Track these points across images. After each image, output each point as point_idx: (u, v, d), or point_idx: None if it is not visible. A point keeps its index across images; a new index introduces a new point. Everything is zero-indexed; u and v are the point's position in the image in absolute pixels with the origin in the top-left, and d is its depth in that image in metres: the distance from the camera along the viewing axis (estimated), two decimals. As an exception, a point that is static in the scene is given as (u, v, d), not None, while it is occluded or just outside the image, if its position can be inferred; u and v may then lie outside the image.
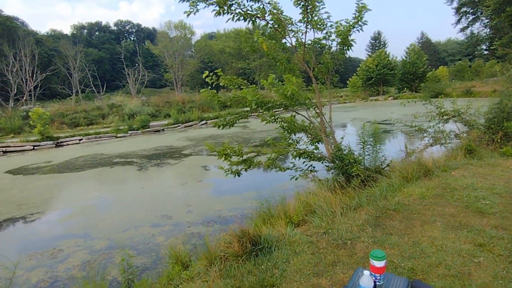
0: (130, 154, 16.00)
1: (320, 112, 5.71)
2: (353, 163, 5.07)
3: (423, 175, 5.32)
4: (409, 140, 8.10)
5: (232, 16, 4.90)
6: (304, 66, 5.51)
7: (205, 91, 5.73)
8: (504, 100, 7.13)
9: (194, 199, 8.37)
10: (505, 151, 6.61)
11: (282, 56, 5.61)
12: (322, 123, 5.73)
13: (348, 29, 5.96)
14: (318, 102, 5.71)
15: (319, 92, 5.75)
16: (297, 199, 4.82)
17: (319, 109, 5.72)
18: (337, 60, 6.08)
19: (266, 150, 6.32)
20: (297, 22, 5.55)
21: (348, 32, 5.98)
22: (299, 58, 5.42)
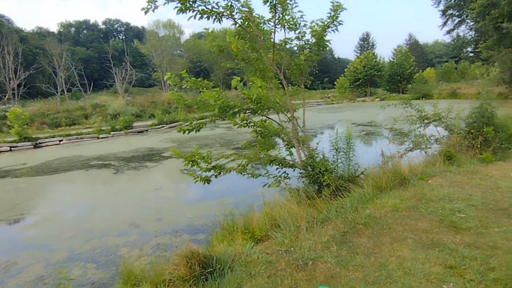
0: (109, 156, 15.46)
1: (291, 117, 5.39)
2: (324, 171, 4.76)
3: (399, 184, 5.04)
4: (390, 144, 7.85)
5: (194, 14, 4.53)
6: (274, 68, 5.18)
7: (171, 93, 5.36)
8: (484, 105, 6.94)
9: (166, 206, 7.97)
10: (484, 157, 6.41)
11: (252, 57, 5.27)
12: (293, 128, 5.41)
13: (323, 29, 5.67)
14: (290, 106, 5.39)
15: (290, 96, 5.43)
16: (262, 211, 4.49)
17: (291, 113, 5.40)
18: (311, 61, 5.77)
19: (236, 155, 5.98)
20: (268, 21, 5.22)
21: (323, 32, 5.69)
22: (269, 59, 5.10)
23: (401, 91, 42.97)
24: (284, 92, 6.49)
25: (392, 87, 45.14)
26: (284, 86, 5.33)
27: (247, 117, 5.99)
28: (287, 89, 5.34)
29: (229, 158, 6.09)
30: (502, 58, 27.64)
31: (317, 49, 5.86)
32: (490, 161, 6.37)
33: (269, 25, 5.48)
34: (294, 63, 5.51)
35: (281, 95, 6.57)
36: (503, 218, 3.79)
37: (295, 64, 5.58)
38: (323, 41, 5.81)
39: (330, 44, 6.19)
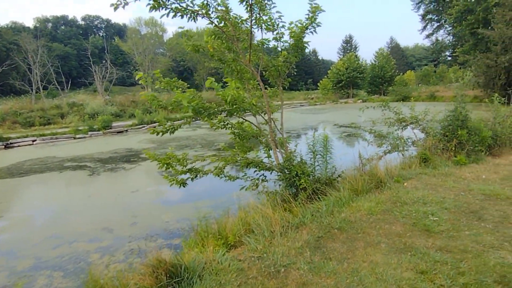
0: (85, 157, 14.97)
1: (269, 119, 5.31)
2: (301, 174, 4.70)
3: (375, 187, 5.05)
4: (369, 146, 7.89)
5: (167, 12, 4.37)
6: (251, 69, 5.09)
7: (144, 93, 5.17)
8: (458, 108, 7.08)
9: (142, 209, 7.74)
10: (458, 160, 6.53)
11: (228, 57, 5.16)
12: (271, 131, 5.33)
13: (302, 31, 5.62)
14: (267, 108, 5.31)
15: (267, 97, 5.34)
16: (237, 215, 4.38)
17: (268, 115, 5.32)
18: (289, 63, 5.71)
19: (213, 158, 5.85)
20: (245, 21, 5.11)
21: (302, 34, 5.64)
22: (245, 60, 4.99)
23: (382, 93, 43.80)
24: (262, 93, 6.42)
25: (373, 89, 45.98)
26: (261, 87, 5.24)
27: (225, 119, 5.87)
28: (264, 90, 5.25)
29: (206, 161, 5.94)
30: (477, 62, 28.60)
31: (295, 50, 5.80)
32: (464, 164, 6.50)
33: (247, 25, 5.39)
34: (272, 65, 5.43)
35: (259, 96, 6.49)
36: (474, 221, 3.83)
37: (273, 66, 5.51)
38: (301, 42, 5.76)
39: (308, 46, 6.17)
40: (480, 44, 33.33)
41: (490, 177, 5.63)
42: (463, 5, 34.39)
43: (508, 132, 7.73)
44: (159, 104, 5.20)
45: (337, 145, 13.21)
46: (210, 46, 5.16)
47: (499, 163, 6.67)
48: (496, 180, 5.45)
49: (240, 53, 4.96)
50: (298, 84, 74.69)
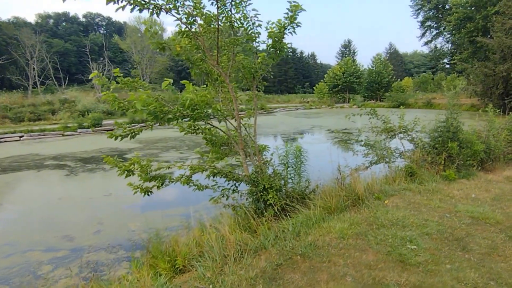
0: (67, 155, 14.46)
1: (238, 125, 4.83)
2: (269, 189, 4.23)
3: (352, 204, 4.57)
4: (354, 156, 7.44)
5: (123, 5, 3.89)
6: (218, 70, 4.61)
7: (106, 94, 4.69)
8: (449, 119, 6.63)
9: (110, 215, 7.24)
10: (447, 175, 6.07)
11: (195, 57, 4.69)
12: (239, 138, 4.85)
13: (280, 31, 5.17)
14: (236, 113, 4.83)
15: (236, 102, 4.87)
16: (192, 234, 3.90)
17: (237, 121, 4.84)
18: (265, 65, 5.25)
19: (180, 165, 5.37)
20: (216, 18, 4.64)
21: (281, 34, 5.19)
22: (212, 60, 4.52)
23: (379, 99, 43.46)
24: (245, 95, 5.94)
25: (370, 94, 45.64)
26: (230, 90, 4.77)
27: (195, 124, 5.40)
28: (233, 94, 4.77)
29: (173, 168, 5.46)
30: (475, 71, 28.27)
31: (273, 52, 5.35)
32: (453, 179, 6.04)
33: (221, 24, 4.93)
34: (243, 66, 4.97)
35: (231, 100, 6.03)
36: (457, 251, 3.36)
37: (247, 67, 5.04)
38: (281, 43, 5.31)
39: (289, 48, 5.73)
40: (479, 52, 33.05)
41: (480, 196, 5.17)
42: (462, 13, 34.13)
43: (502, 146, 7.29)
44: (119, 105, 4.72)
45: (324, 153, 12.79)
46: (177, 45, 4.69)
47: (491, 180, 6.21)
48: (487, 200, 4.99)
49: (207, 52, 4.49)
50: (295, 88, 74.41)
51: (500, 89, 25.97)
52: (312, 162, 11.08)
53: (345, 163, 7.43)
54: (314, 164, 8.61)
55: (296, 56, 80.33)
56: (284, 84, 74.93)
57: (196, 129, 5.54)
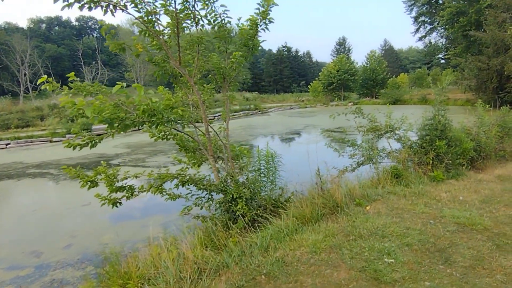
0: (52, 163, 14.08)
1: (206, 130, 4.49)
2: (238, 198, 3.89)
3: (330, 212, 4.24)
4: (340, 157, 7.11)
5: (69, 3, 3.54)
6: (181, 71, 4.27)
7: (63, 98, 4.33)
8: (436, 116, 6.31)
9: (85, 227, 6.89)
10: (435, 176, 5.76)
11: (157, 58, 4.34)
12: (209, 144, 4.51)
13: (252, 27, 4.84)
14: (203, 118, 4.49)
15: (203, 105, 4.52)
16: (151, 251, 3.56)
17: (205, 126, 4.50)
18: (237, 64, 4.91)
19: (149, 174, 5.02)
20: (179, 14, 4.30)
21: (253, 31, 4.86)
22: (175, 61, 4.18)
23: (374, 96, 43.19)
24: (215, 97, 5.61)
25: (365, 91, 45.36)
26: (196, 93, 4.43)
27: (165, 129, 5.07)
28: (199, 96, 4.43)
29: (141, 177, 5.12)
30: (469, 65, 28.03)
31: (245, 50, 5.01)
32: (441, 180, 5.72)
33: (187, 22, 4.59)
34: (210, 67, 4.64)
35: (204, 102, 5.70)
36: (438, 265, 3.03)
37: (217, 68, 4.71)
38: (255, 41, 4.98)
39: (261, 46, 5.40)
40: (473, 46, 32.83)
41: (468, 198, 4.85)
42: (455, 7, 33.90)
43: (493, 143, 6.98)
44: (78, 112, 4.36)
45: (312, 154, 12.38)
46: (139, 45, 4.34)
47: (482, 179, 5.90)
48: (475, 202, 4.67)
49: (168, 52, 4.14)
50: (291, 86, 74.10)
51: (494, 83, 25.75)
52: (296, 165, 10.72)
53: (332, 165, 7.13)
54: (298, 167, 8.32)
55: (291, 55, 79.97)
56: (280, 84, 74.60)
57: (167, 135, 5.21)
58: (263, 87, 74.01)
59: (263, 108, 37.74)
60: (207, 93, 5.12)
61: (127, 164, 13.17)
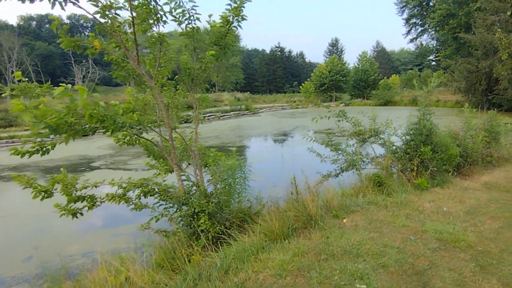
0: (30, 165, 13.54)
1: (169, 136, 4.12)
2: (200, 212, 3.53)
3: (303, 226, 3.90)
4: (322, 163, 6.79)
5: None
6: (141, 72, 3.90)
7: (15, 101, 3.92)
8: (421, 120, 6.03)
9: (51, 237, 6.46)
10: (419, 183, 5.47)
11: (115, 57, 3.96)
12: (173, 151, 4.14)
13: (224, 25, 4.49)
14: (167, 123, 4.11)
15: (165, 109, 4.15)
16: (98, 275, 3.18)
17: (169, 131, 4.12)
18: (207, 64, 4.55)
19: (112, 183, 4.63)
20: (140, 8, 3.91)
21: (225, 29, 4.51)
22: (132, 60, 3.80)
23: (366, 97, 43.14)
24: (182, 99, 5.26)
25: (357, 92, 45.27)
26: (158, 96, 4.05)
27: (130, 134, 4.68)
28: (161, 99, 4.05)
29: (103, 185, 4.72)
30: (458, 67, 28.05)
31: (217, 49, 4.65)
32: (425, 188, 5.43)
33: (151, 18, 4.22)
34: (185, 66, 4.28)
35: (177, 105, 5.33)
36: (415, 291, 2.71)
37: (184, 69, 4.34)
38: (225, 40, 4.63)
39: (238, 44, 5.05)
40: (462, 48, 32.96)
41: (453, 209, 4.56)
42: (445, 9, 33.98)
43: (480, 148, 6.73)
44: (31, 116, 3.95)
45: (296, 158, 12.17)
46: (97, 42, 3.96)
47: (468, 187, 5.63)
48: (460, 214, 4.38)
49: (126, 50, 3.76)
50: (284, 87, 73.92)
51: (483, 85, 25.79)
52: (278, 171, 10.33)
53: (316, 170, 6.81)
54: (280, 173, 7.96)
55: (284, 55, 79.79)
56: (273, 84, 74.37)
57: (134, 140, 4.83)
58: (256, 87, 73.74)
59: (254, 109, 37.41)
60: (168, 95, 4.75)
61: (109, 167, 12.70)
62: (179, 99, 5.20)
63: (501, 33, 21.00)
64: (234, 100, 38.77)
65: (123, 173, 11.43)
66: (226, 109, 33.80)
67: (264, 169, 11.59)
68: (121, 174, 10.59)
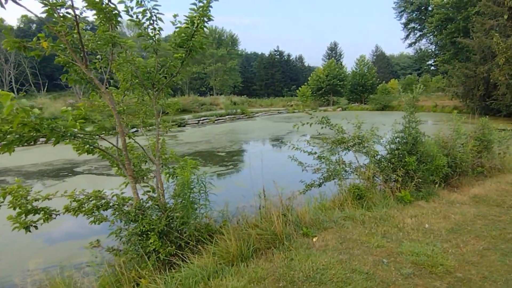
0: (12, 169, 13.17)
1: (123, 145, 3.78)
2: (149, 231, 3.18)
3: (266, 245, 3.54)
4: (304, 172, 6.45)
5: None
6: (88, 74, 3.56)
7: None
8: (407, 129, 5.69)
9: (12, 250, 6.08)
10: (403, 196, 5.11)
11: (63, 59, 3.62)
12: (126, 162, 3.79)
13: (189, 26, 4.17)
14: (120, 131, 3.77)
15: (118, 116, 3.81)
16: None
17: (121, 139, 3.78)
18: (170, 67, 4.22)
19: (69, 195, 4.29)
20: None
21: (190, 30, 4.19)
22: (80, 63, 3.47)
23: (363, 102, 42.82)
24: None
25: (354, 97, 44.96)
26: (109, 102, 3.71)
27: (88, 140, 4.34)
28: (113, 106, 3.71)
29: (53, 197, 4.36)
30: (456, 72, 27.76)
31: (183, 52, 4.33)
32: (409, 201, 5.08)
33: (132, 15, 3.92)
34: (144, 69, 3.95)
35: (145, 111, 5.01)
36: (379, 330, 2.35)
37: (142, 72, 4.01)
38: (193, 41, 4.29)
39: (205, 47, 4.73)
40: (460, 53, 32.71)
41: (435, 226, 4.20)
42: (443, 14, 33.77)
43: (470, 158, 6.37)
44: None
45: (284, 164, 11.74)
46: (45, 44, 3.63)
47: (455, 200, 5.27)
48: (442, 232, 4.02)
49: (71, 52, 3.43)
50: (282, 91, 73.65)
51: (481, 91, 25.47)
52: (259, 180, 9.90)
53: (300, 179, 6.46)
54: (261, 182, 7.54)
55: (283, 59, 79.58)
56: (272, 88, 74.10)
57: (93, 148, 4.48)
58: (254, 91, 73.50)
59: (250, 113, 37.08)
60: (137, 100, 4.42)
61: (92, 172, 12.35)
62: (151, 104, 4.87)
63: (498, 37, 20.72)
64: (230, 103, 38.43)
65: (105, 179, 11.07)
66: (221, 113, 33.49)
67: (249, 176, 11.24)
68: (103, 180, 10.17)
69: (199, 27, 4.22)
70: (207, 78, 61.82)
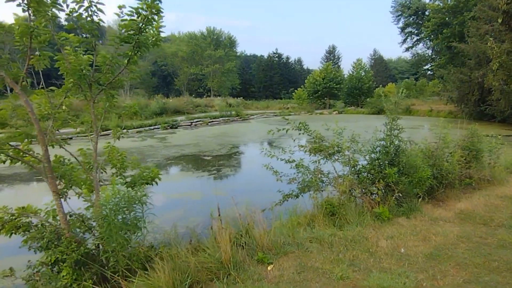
0: None
1: (45, 156, 3.26)
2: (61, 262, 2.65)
3: (208, 277, 3.00)
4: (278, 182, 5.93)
5: None
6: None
7: None
8: (387, 138, 5.19)
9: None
10: (381, 213, 4.59)
11: None
12: (49, 174, 3.27)
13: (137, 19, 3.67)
14: (38, 134, 3.26)
15: (37, 121, 3.29)
16: None
17: (42, 149, 3.27)
18: (112, 66, 3.71)
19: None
20: None
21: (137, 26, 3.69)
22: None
23: (360, 105, 42.39)
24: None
25: (351, 100, 44.52)
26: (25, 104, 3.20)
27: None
28: (30, 109, 3.21)
29: None
30: (451, 77, 27.37)
31: (131, 49, 3.82)
32: (387, 219, 4.56)
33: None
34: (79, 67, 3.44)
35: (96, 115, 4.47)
36: None
37: (75, 71, 3.49)
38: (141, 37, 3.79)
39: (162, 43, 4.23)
40: (456, 58, 32.35)
41: (412, 251, 3.68)
42: (439, 18, 33.46)
43: (457, 169, 5.86)
44: None
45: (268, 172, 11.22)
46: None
47: (439, 217, 4.76)
48: (418, 259, 3.50)
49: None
50: (280, 93, 73.21)
51: (475, 96, 25.05)
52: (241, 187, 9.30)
53: (279, 189, 5.94)
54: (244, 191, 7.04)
55: (282, 62, 79.15)
56: (270, 90, 73.62)
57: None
58: (252, 93, 73.02)
59: (245, 115, 36.56)
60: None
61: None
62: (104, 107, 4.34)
63: (493, 42, 20.32)
64: (225, 105, 37.91)
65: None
66: (215, 115, 32.96)
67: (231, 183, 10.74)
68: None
69: (146, 21, 3.73)
70: (205, 79, 61.37)
